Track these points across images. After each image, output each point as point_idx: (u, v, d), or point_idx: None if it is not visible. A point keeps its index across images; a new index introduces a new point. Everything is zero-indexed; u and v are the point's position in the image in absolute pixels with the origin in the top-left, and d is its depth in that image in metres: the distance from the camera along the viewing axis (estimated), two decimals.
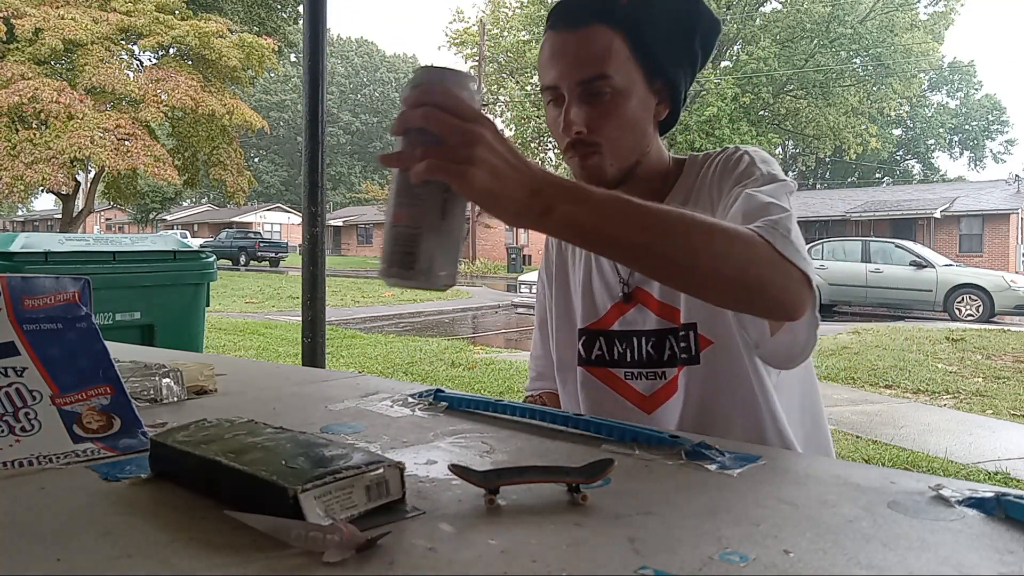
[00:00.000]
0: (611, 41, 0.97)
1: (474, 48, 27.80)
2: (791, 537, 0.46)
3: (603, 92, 0.98)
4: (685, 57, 1.04)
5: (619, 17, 0.98)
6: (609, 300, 1.11)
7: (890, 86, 25.31)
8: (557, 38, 1.00)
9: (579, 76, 0.98)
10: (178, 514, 0.50)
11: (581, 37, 0.98)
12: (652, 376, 1.08)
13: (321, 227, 2.86)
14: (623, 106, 0.99)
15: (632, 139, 1.02)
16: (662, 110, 1.05)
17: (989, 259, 23.08)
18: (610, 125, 0.99)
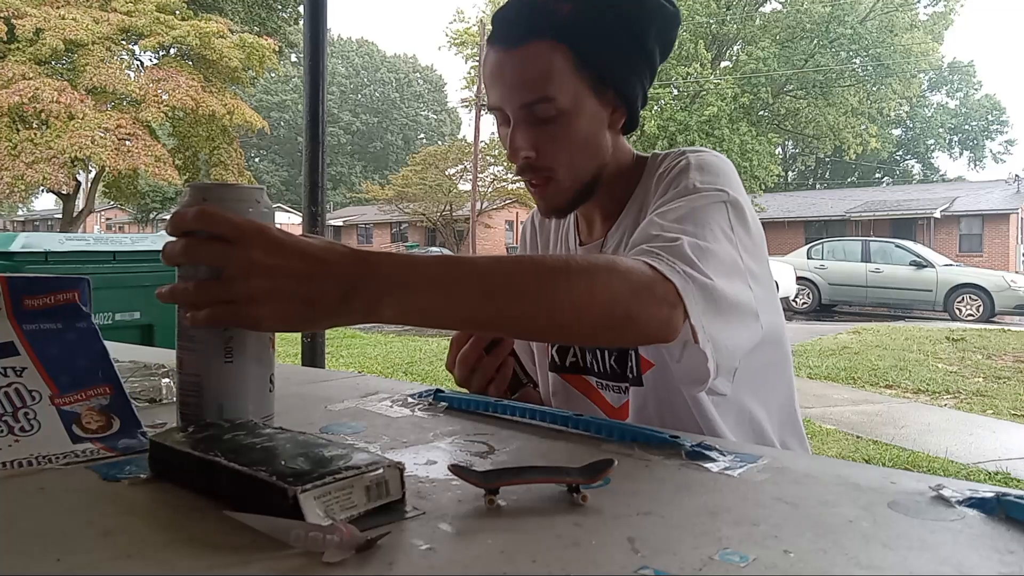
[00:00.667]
0: (551, 58, 0.90)
1: (474, 48, 27.79)
2: (791, 537, 0.46)
3: (548, 114, 0.92)
4: (638, 59, 0.96)
5: (559, 29, 0.90)
6: None
7: (890, 86, 25.30)
8: (497, 56, 0.93)
9: (520, 100, 0.92)
10: (178, 514, 0.50)
11: (521, 57, 0.91)
12: (616, 389, 1.05)
13: (321, 227, 2.86)
14: (571, 126, 0.93)
15: (586, 157, 0.96)
16: (618, 118, 0.98)
17: (989, 259, 23.08)
18: (560, 149, 0.94)
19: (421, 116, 61.20)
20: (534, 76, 0.91)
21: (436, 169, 33.87)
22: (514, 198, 34.52)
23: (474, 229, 30.16)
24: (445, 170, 34.43)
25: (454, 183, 34.82)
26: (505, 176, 32.71)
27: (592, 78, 0.93)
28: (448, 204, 34.96)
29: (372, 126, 57.28)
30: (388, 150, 57.41)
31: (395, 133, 58.26)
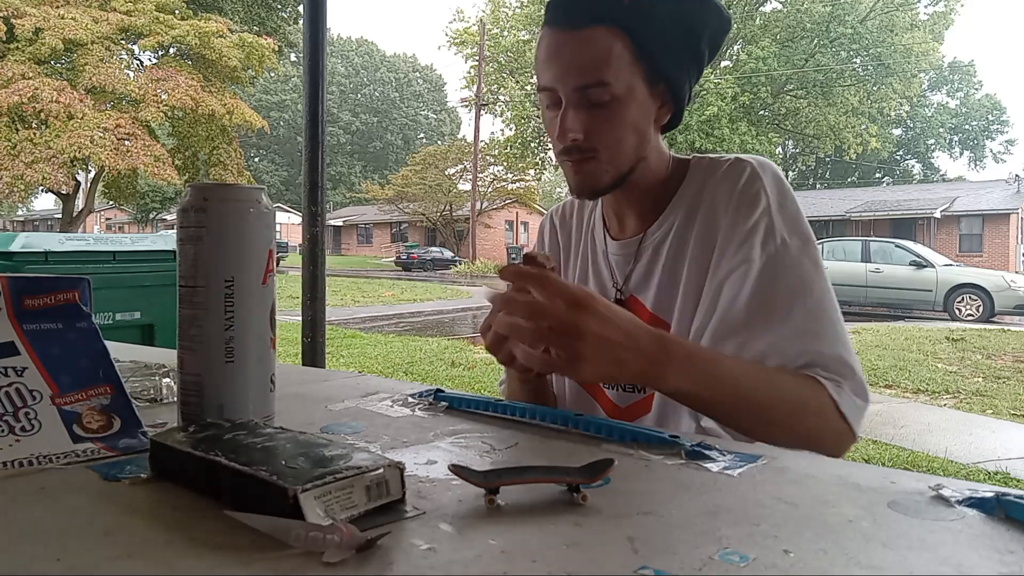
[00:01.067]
0: (612, 45, 0.92)
1: (474, 48, 27.79)
2: (791, 537, 0.46)
3: (601, 99, 0.93)
4: (690, 58, 0.99)
5: (622, 18, 0.92)
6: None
7: (890, 86, 25.31)
8: (555, 37, 0.94)
9: (577, 82, 0.93)
10: (178, 514, 0.50)
11: (581, 39, 0.92)
12: (628, 388, 1.05)
13: (321, 227, 2.86)
14: (622, 113, 0.95)
15: (630, 145, 0.98)
16: (664, 113, 1.00)
17: (989, 259, 23.09)
18: (608, 133, 0.95)
19: (421, 116, 61.20)
20: (592, 60, 0.92)
21: (436, 169, 33.88)
22: (514, 198, 34.54)
23: (474, 229, 30.15)
24: (445, 170, 34.44)
25: (454, 183, 34.84)
26: (505, 176, 32.74)
27: (647, 69, 0.95)
28: (448, 204, 34.97)
29: (372, 126, 57.27)
30: (388, 150, 57.40)
31: (395, 133, 58.26)
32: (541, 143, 26.57)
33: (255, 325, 0.67)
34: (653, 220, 1.04)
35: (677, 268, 1.00)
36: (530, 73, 26.03)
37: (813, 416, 0.83)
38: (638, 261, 1.04)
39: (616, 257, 1.08)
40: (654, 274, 1.02)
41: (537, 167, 28.82)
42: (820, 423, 0.83)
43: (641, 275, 1.04)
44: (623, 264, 1.07)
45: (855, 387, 0.85)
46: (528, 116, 25.24)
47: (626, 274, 1.06)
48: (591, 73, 0.92)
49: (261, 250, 0.67)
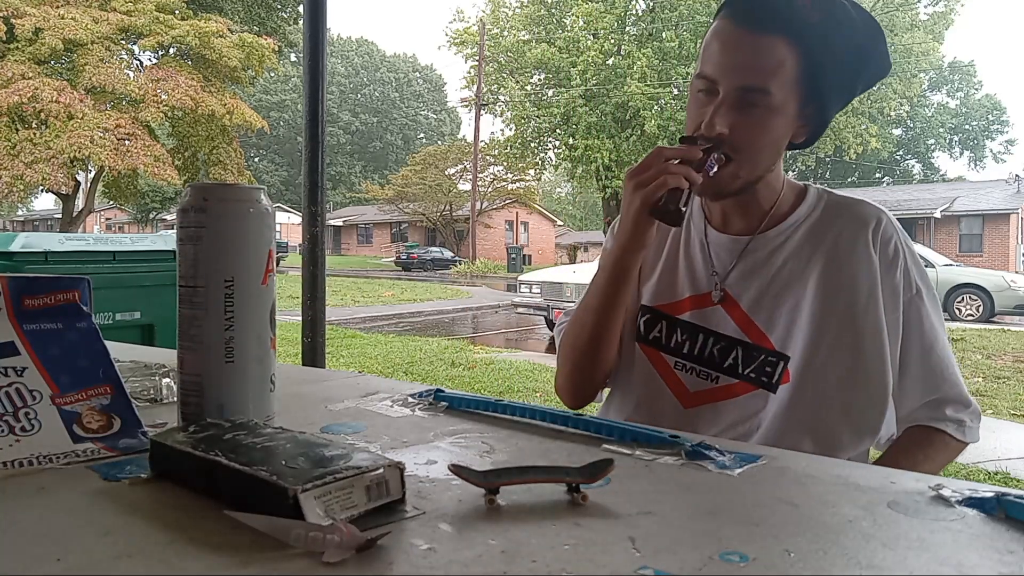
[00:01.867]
0: (786, 58, 0.95)
1: (474, 48, 27.79)
2: (791, 537, 0.46)
3: (757, 104, 0.96)
4: (846, 90, 1.02)
5: (803, 37, 0.95)
6: (689, 290, 1.10)
7: (890, 86, 25.29)
8: (734, 33, 0.96)
9: (742, 82, 0.95)
10: (178, 514, 0.50)
11: (759, 43, 0.95)
12: (704, 376, 1.07)
13: (321, 227, 2.86)
14: (771, 123, 0.98)
15: (765, 156, 1.02)
16: (801, 132, 1.03)
17: (989, 259, 23.09)
18: (752, 139, 0.98)
19: (421, 116, 61.21)
20: (765, 66, 0.95)
21: (436, 169, 33.89)
22: (514, 198, 34.55)
23: (474, 229, 30.15)
24: (445, 170, 34.44)
25: (454, 183, 34.84)
26: (505, 176, 32.74)
27: (806, 91, 0.98)
28: (448, 204, 34.97)
29: (372, 126, 57.28)
30: (388, 150, 57.40)
31: (395, 133, 58.26)
32: (541, 143, 26.57)
33: (255, 325, 0.67)
34: (759, 225, 1.08)
35: (793, 287, 1.04)
36: (530, 73, 26.04)
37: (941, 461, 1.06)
38: (742, 260, 1.07)
39: (718, 249, 1.10)
40: (757, 278, 1.06)
41: (537, 167, 28.80)
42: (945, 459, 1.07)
43: (742, 274, 1.07)
44: (726, 258, 1.09)
45: (971, 415, 1.06)
46: (528, 116, 25.23)
47: (727, 268, 1.08)
48: (759, 77, 0.95)
49: (261, 250, 0.67)
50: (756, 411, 1.04)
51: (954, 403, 1.05)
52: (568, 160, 24.68)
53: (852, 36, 0.97)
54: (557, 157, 26.31)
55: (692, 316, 1.09)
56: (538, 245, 37.52)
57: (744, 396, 1.04)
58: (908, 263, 1.05)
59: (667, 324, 1.10)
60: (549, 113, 24.14)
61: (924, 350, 1.04)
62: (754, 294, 1.05)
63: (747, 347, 1.04)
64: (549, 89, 25.38)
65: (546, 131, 25.38)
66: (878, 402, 1.02)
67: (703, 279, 1.10)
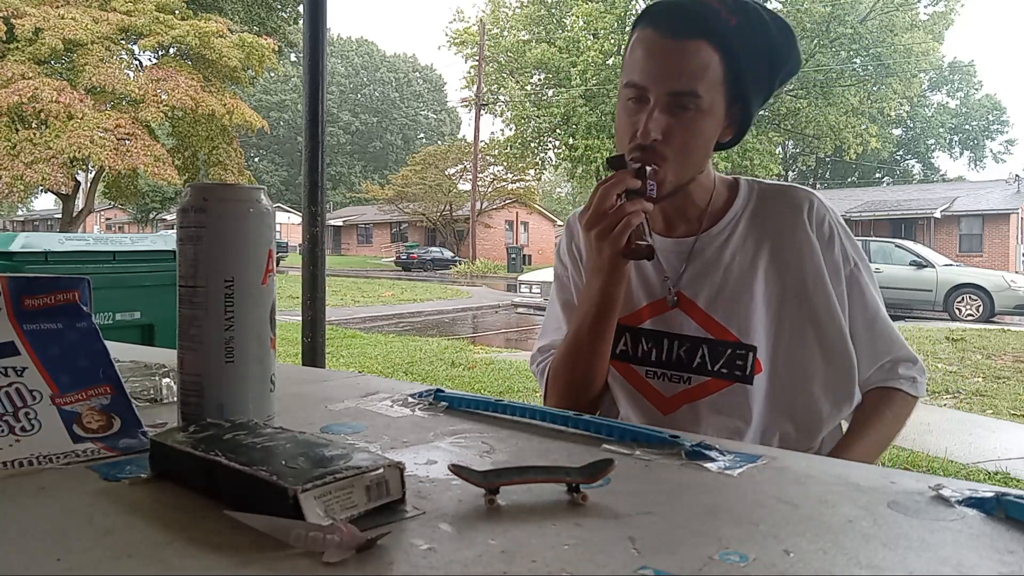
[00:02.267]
0: (711, 60, 0.98)
1: (474, 48, 27.78)
2: (791, 537, 0.46)
3: (688, 107, 0.99)
4: (766, 87, 1.07)
5: (724, 37, 0.99)
6: (645, 298, 1.13)
7: (890, 86, 25.30)
8: (659, 42, 0.99)
9: (672, 87, 0.98)
10: (178, 514, 0.50)
11: (684, 49, 0.98)
12: (675, 379, 1.10)
13: (321, 227, 2.86)
14: (702, 125, 1.01)
15: (697, 157, 1.05)
16: (728, 133, 1.07)
17: (989, 259, 23.09)
18: (684, 140, 1.01)
19: (421, 116, 61.19)
20: (692, 70, 0.98)
21: (436, 169, 33.88)
22: (514, 198, 34.54)
23: (474, 229, 30.15)
24: (445, 170, 34.43)
25: (454, 183, 34.83)
26: (505, 176, 32.74)
27: (731, 91, 1.02)
28: (448, 204, 34.96)
29: (372, 126, 57.27)
30: (388, 150, 57.38)
31: (395, 133, 58.25)
32: (541, 143, 26.55)
33: (255, 325, 0.67)
34: (700, 225, 1.12)
35: (745, 278, 1.08)
36: (530, 73, 26.03)
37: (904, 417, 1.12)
38: (692, 261, 1.11)
39: (666, 254, 1.13)
40: (709, 275, 1.10)
41: (537, 167, 28.79)
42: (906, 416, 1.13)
43: (695, 274, 1.11)
44: (675, 261, 1.12)
45: (919, 371, 1.13)
46: (528, 116, 25.22)
47: (678, 271, 1.12)
48: (688, 81, 0.98)
49: (261, 250, 0.67)
50: (739, 406, 1.07)
51: (904, 362, 1.12)
52: (568, 160, 24.67)
53: (768, 37, 1.02)
54: (557, 157, 26.30)
55: (653, 323, 1.12)
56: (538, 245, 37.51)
57: (720, 392, 1.08)
58: (843, 239, 1.10)
59: (630, 336, 1.13)
60: (549, 113, 24.13)
61: (869, 319, 1.11)
62: (709, 291, 1.09)
63: (712, 344, 1.08)
64: (549, 89, 25.37)
65: (546, 131, 25.37)
66: (848, 368, 1.08)
67: (656, 285, 1.12)
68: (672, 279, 1.11)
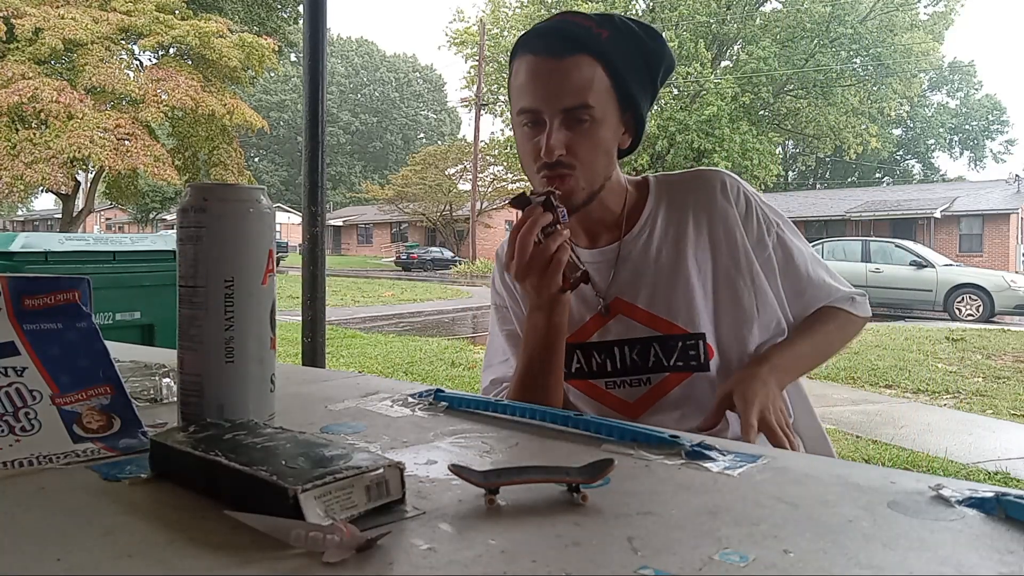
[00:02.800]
0: (594, 72, 1.02)
1: (474, 48, 27.78)
2: (791, 537, 0.46)
3: (583, 120, 1.02)
4: (649, 91, 1.10)
5: (599, 50, 1.02)
6: (587, 312, 1.15)
7: (890, 86, 25.30)
8: (539, 64, 1.03)
9: (563, 104, 1.01)
10: (178, 514, 0.50)
11: (566, 66, 1.01)
12: (636, 383, 1.12)
13: (321, 227, 2.86)
14: (599, 134, 1.04)
15: (602, 164, 1.07)
16: (626, 139, 1.11)
17: (989, 259, 23.09)
18: (586, 150, 1.03)
19: (421, 116, 61.18)
20: (579, 85, 1.01)
21: (436, 169, 33.86)
22: None
23: (474, 229, 30.15)
24: (445, 170, 34.42)
25: (454, 183, 34.82)
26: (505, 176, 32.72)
27: (619, 98, 1.06)
28: (448, 204, 34.95)
29: (372, 126, 57.25)
30: (388, 150, 57.37)
31: (395, 133, 58.23)
32: None
33: (255, 325, 0.67)
34: (621, 231, 1.14)
35: (676, 269, 1.11)
36: None
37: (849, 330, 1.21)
38: (620, 266, 1.13)
39: (593, 266, 1.14)
40: (642, 275, 1.12)
41: None
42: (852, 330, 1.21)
43: (629, 277, 1.13)
44: (604, 270, 1.14)
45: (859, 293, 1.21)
46: None
47: (609, 279, 1.13)
48: (577, 96, 1.01)
49: (261, 250, 0.67)
50: (702, 394, 1.09)
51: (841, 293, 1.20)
52: None
53: (639, 43, 1.06)
54: None
55: (600, 335, 1.13)
56: None
57: (681, 386, 1.10)
58: (760, 206, 1.15)
59: (581, 352, 1.15)
60: None
61: (808, 269, 1.17)
62: (646, 290, 1.11)
63: (662, 340, 1.10)
64: None
65: None
66: (780, 333, 1.15)
67: (591, 299, 1.14)
68: (603, 288, 1.13)
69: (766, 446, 0.91)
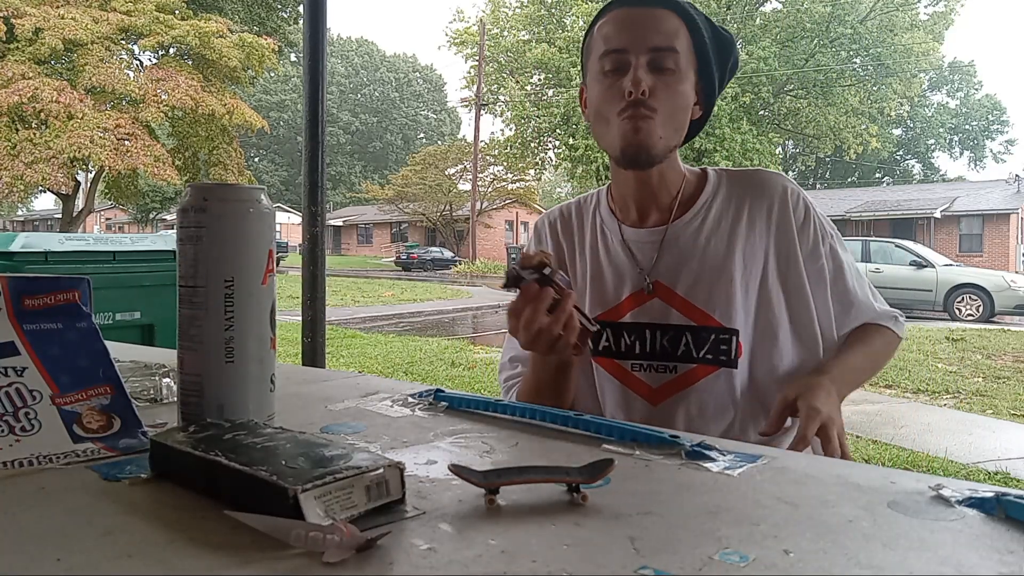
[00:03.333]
0: (679, 27, 1.05)
1: (474, 48, 27.78)
2: (791, 537, 0.46)
3: (668, 66, 1.04)
4: (718, 74, 1.11)
5: (686, 13, 1.06)
6: (624, 290, 1.13)
7: (890, 86, 25.28)
8: (628, 13, 1.06)
9: (653, 43, 1.03)
10: (178, 514, 0.50)
11: (655, 15, 1.05)
12: (662, 369, 1.11)
13: (321, 227, 2.86)
14: (682, 84, 1.05)
15: (679, 120, 1.07)
16: (696, 110, 1.11)
17: (989, 259, 23.08)
18: (668, 97, 1.04)
19: (421, 116, 61.16)
20: (668, 29, 1.05)
21: (436, 169, 33.87)
22: (514, 198, 34.54)
23: (474, 229, 30.15)
24: (445, 170, 34.42)
25: (454, 183, 34.83)
26: (505, 176, 32.73)
27: (697, 61, 1.08)
28: (448, 204, 34.96)
29: (372, 126, 57.24)
30: (388, 150, 57.35)
31: (395, 133, 58.22)
32: (541, 143, 26.54)
33: (255, 325, 0.67)
34: (671, 214, 1.13)
35: (723, 263, 1.09)
36: (530, 73, 26.02)
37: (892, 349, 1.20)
38: (666, 250, 1.12)
39: (639, 244, 1.13)
40: (687, 263, 1.11)
41: (537, 167, 28.78)
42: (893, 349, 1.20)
43: (671, 263, 1.11)
44: (648, 251, 1.13)
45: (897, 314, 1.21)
46: (528, 116, 25.20)
47: (652, 261, 1.12)
48: (666, 38, 1.04)
49: (261, 250, 0.67)
50: (726, 391, 1.09)
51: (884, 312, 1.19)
52: (568, 160, 24.66)
53: (713, 27, 1.10)
54: (557, 157, 26.29)
55: (633, 315, 1.12)
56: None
57: (707, 379, 1.09)
58: (817, 216, 1.14)
59: (612, 331, 1.13)
60: (549, 113, 24.12)
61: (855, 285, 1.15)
62: (688, 279, 1.10)
63: (695, 331, 1.09)
64: (549, 89, 25.36)
65: (546, 131, 25.35)
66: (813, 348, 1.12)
67: (632, 277, 1.13)
68: (647, 268, 1.12)
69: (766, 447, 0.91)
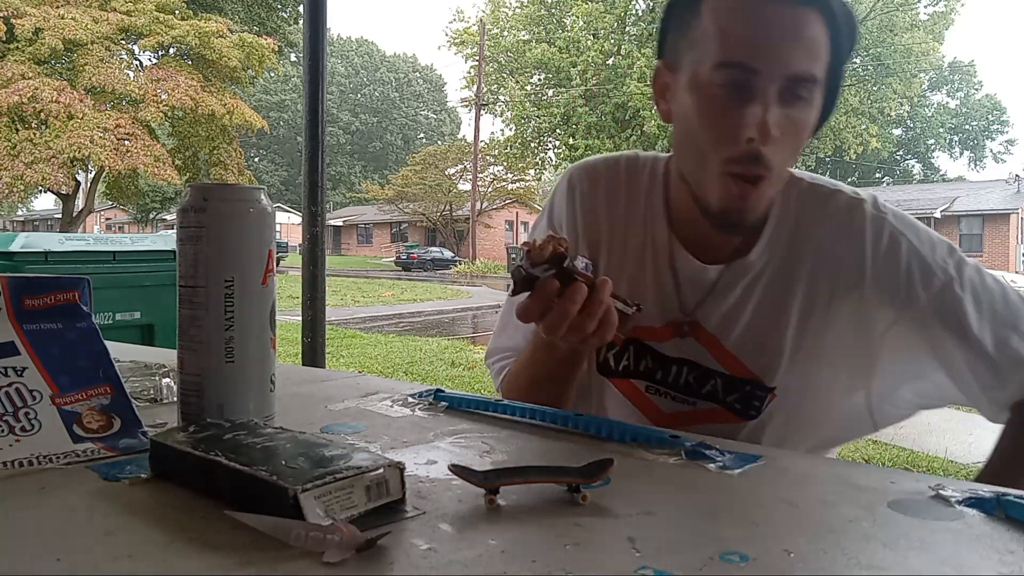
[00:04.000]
0: (823, 38, 0.77)
1: (474, 48, 27.78)
2: (791, 537, 0.46)
3: (801, 95, 0.78)
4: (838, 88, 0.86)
5: (831, 9, 0.77)
6: (660, 320, 0.95)
7: (890, 86, 25.29)
8: (768, 7, 0.76)
9: (792, 69, 0.76)
10: (178, 514, 0.50)
11: (800, 18, 0.76)
12: (680, 400, 0.96)
13: (321, 227, 2.86)
14: (810, 112, 0.80)
15: (794, 158, 0.84)
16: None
17: (989, 259, 23.10)
18: (794, 136, 0.80)
19: (421, 116, 61.17)
20: (812, 47, 0.77)
21: (436, 169, 33.88)
22: (514, 198, 34.54)
23: (474, 229, 30.16)
24: (445, 170, 34.43)
25: (454, 183, 34.83)
26: (505, 176, 32.74)
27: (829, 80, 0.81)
28: (448, 204, 34.97)
29: (372, 126, 57.25)
30: (388, 150, 57.36)
31: (395, 133, 58.23)
32: (541, 143, 26.54)
33: (255, 325, 0.67)
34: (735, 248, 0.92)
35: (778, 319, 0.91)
36: (530, 73, 26.01)
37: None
38: (716, 292, 0.92)
39: (689, 278, 0.94)
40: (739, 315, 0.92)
41: (537, 167, 28.79)
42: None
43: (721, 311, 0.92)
44: (697, 286, 0.93)
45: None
46: (528, 116, 25.21)
47: (699, 298, 0.93)
48: (809, 62, 0.76)
49: (261, 250, 0.67)
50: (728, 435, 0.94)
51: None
52: (568, 160, 24.65)
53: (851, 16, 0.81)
54: (557, 157, 26.29)
55: (665, 347, 0.95)
56: None
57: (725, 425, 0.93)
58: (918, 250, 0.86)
59: (635, 348, 0.97)
60: (549, 113, 24.13)
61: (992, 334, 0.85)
62: (737, 331, 0.92)
63: (727, 378, 0.93)
64: (549, 89, 25.37)
65: (546, 131, 25.36)
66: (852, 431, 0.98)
67: (671, 310, 0.95)
68: (689, 308, 0.94)
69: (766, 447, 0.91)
